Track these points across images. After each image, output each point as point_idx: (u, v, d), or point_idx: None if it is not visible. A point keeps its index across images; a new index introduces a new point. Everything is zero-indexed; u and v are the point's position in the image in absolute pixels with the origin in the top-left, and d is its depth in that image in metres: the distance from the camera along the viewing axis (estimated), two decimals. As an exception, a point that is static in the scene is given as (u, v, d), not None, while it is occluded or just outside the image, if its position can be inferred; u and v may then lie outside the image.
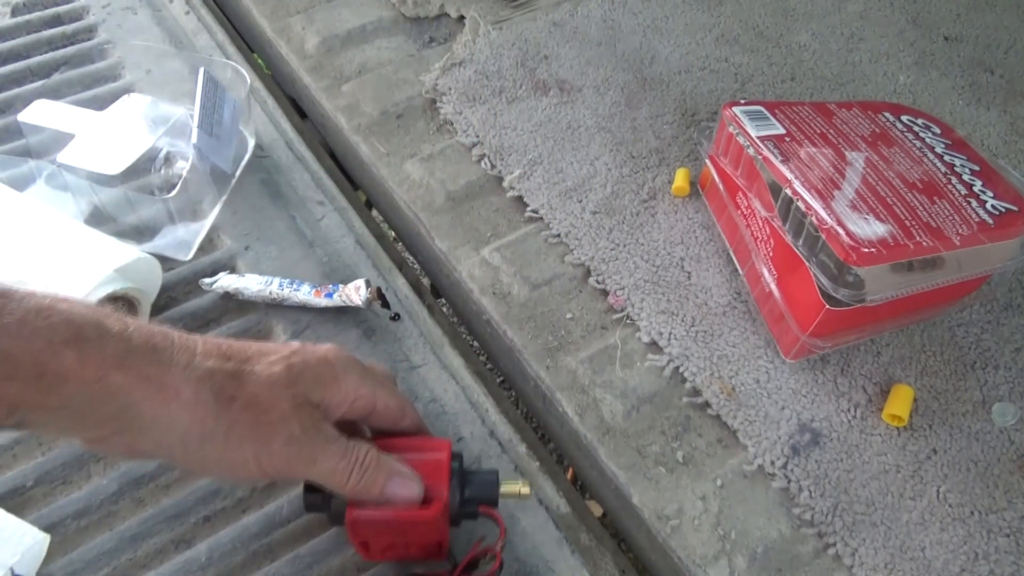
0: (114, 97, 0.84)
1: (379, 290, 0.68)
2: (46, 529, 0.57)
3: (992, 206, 0.68)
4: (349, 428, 0.52)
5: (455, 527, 0.55)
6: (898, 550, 0.62)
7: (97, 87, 0.91)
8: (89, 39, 0.98)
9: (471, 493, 0.54)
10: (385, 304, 0.70)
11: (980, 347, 0.74)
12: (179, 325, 0.71)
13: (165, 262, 0.74)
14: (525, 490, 0.56)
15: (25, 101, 0.80)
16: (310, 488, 0.54)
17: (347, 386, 0.49)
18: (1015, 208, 0.68)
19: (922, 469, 0.66)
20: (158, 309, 0.71)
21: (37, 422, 0.43)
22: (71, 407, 0.42)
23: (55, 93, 0.86)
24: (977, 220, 0.66)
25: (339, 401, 0.49)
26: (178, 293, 0.74)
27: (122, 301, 0.66)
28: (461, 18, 1.04)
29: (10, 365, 0.40)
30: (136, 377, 0.43)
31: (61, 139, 0.77)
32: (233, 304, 0.74)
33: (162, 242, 0.76)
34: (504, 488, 0.55)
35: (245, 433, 0.45)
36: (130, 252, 0.66)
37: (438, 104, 0.92)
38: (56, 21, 1.00)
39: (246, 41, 1.07)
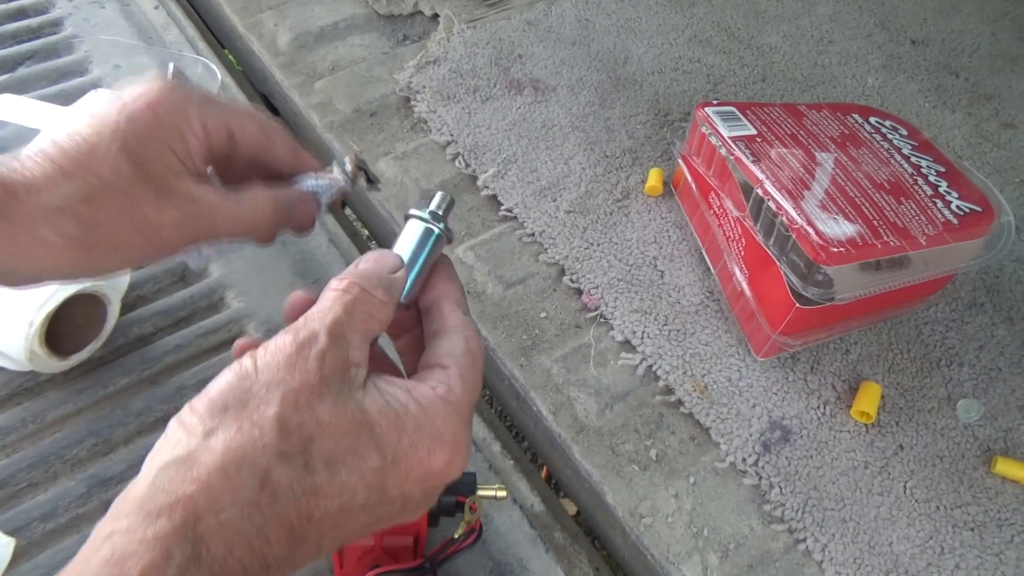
0: (81, 92, 0.82)
1: (358, 157, 0.50)
2: (11, 532, 0.56)
3: (957, 207, 0.69)
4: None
5: (434, 527, 0.55)
6: (867, 545, 0.63)
7: (64, 82, 0.89)
8: (55, 33, 0.96)
9: (449, 491, 0.54)
10: (369, 178, 0.50)
11: (945, 345, 0.76)
12: (149, 324, 0.70)
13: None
14: (501, 493, 0.56)
15: (-11, 95, 0.78)
16: None
17: (193, 128, 0.40)
18: (979, 209, 0.70)
19: (889, 465, 0.67)
20: (127, 307, 0.70)
21: None
22: None
23: (20, 87, 0.84)
24: (942, 220, 0.67)
25: (192, 148, 0.40)
26: (147, 292, 0.73)
27: (92, 300, 0.65)
28: (435, 16, 1.03)
29: None
30: None
31: (26, 135, 0.75)
32: (204, 303, 0.73)
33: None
34: (480, 491, 0.56)
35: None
36: (98, 250, 0.65)
37: (412, 102, 0.92)
38: (20, 14, 0.98)
39: (217, 37, 1.06)
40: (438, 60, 0.96)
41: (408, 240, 0.39)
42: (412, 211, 0.40)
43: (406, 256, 0.39)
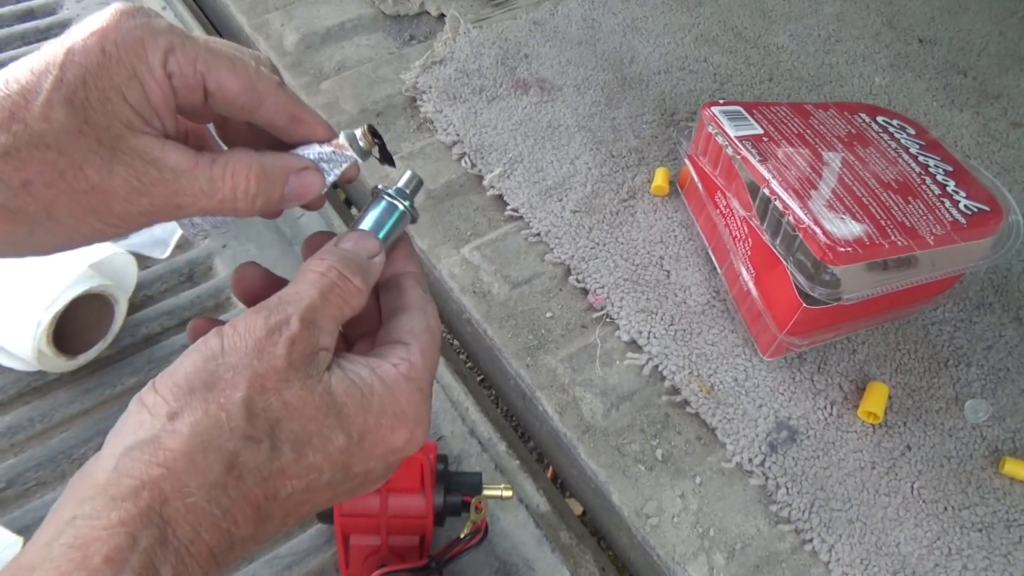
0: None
1: (372, 128, 0.40)
2: (19, 532, 0.56)
3: (965, 206, 0.69)
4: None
5: (439, 526, 0.55)
6: (874, 546, 0.63)
7: (71, 83, 0.90)
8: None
9: (455, 491, 0.55)
10: (384, 152, 0.41)
11: (953, 345, 0.76)
12: (156, 324, 0.70)
13: (141, 260, 0.73)
14: (507, 493, 0.57)
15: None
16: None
17: (153, 73, 0.32)
18: (987, 208, 0.69)
19: (897, 465, 0.67)
20: (134, 307, 0.71)
21: None
22: None
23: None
24: (950, 220, 0.67)
25: (153, 98, 0.33)
26: (154, 292, 0.73)
27: (99, 300, 0.65)
28: (441, 16, 1.03)
29: None
30: None
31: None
32: (211, 303, 0.73)
33: (138, 240, 0.75)
34: (486, 491, 0.56)
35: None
36: (105, 248, 0.65)
37: (418, 102, 0.92)
38: (29, 15, 0.98)
39: (223, 37, 1.06)
40: (444, 60, 0.96)
41: (374, 215, 0.38)
42: (380, 187, 0.38)
43: (374, 229, 0.38)
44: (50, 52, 0.32)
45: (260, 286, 0.37)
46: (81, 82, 0.31)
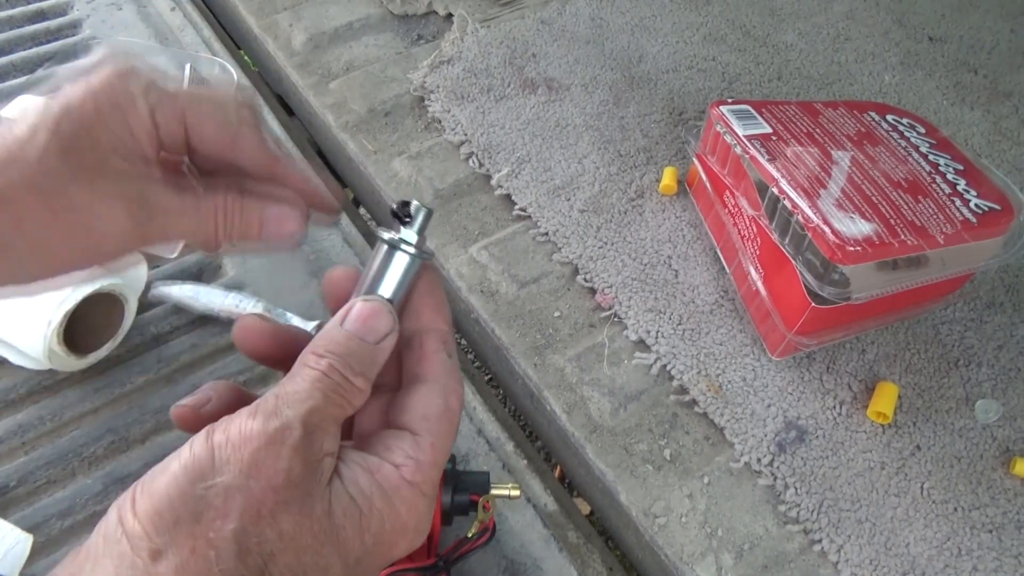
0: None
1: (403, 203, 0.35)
2: (29, 529, 0.57)
3: (975, 205, 0.68)
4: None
5: (447, 525, 0.55)
6: (883, 546, 0.62)
7: (81, 83, 0.90)
8: (73, 35, 0.97)
9: (463, 490, 0.55)
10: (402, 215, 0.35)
11: (963, 344, 0.75)
12: (165, 323, 0.71)
13: (151, 260, 0.73)
14: (515, 492, 0.56)
15: (8, 97, 0.79)
16: None
17: (141, 121, 0.33)
18: (998, 207, 0.69)
19: (906, 466, 0.67)
20: (144, 306, 0.71)
21: None
22: None
23: (39, 89, 0.85)
24: (961, 219, 0.67)
25: (142, 143, 0.34)
26: (164, 291, 0.74)
27: (109, 299, 0.65)
28: (449, 16, 1.04)
29: None
30: None
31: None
32: (219, 302, 0.74)
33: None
34: (494, 490, 0.56)
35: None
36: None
37: (426, 102, 0.92)
38: (40, 16, 0.99)
39: (232, 38, 1.07)
40: (452, 60, 0.96)
41: (384, 269, 0.33)
42: (384, 234, 0.33)
43: (384, 288, 0.33)
44: (48, 107, 0.32)
45: (267, 345, 0.35)
46: (74, 135, 0.32)
